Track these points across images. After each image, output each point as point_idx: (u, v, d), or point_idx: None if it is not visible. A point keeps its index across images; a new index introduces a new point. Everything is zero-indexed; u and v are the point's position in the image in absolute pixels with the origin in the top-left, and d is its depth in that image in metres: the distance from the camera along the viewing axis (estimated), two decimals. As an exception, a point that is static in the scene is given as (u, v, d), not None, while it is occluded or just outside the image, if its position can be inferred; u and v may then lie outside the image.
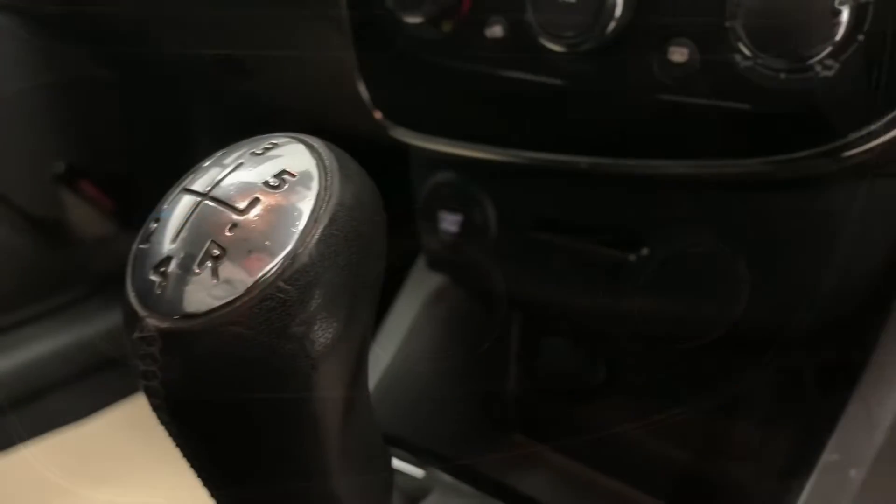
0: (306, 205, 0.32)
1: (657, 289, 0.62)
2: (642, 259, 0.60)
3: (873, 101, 0.45)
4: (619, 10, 0.49)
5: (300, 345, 0.31)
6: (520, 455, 0.79)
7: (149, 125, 1.31)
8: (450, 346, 0.81)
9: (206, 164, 0.35)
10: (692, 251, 0.59)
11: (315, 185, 0.33)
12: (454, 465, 0.60)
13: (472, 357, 0.82)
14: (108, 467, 1.11)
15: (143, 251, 0.33)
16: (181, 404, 0.33)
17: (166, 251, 0.32)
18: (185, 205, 0.33)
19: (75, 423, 1.19)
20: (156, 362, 0.32)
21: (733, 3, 0.46)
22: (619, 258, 0.61)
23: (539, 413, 0.82)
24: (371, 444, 0.43)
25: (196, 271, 0.31)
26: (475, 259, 0.70)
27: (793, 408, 0.65)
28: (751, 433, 0.68)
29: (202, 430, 0.34)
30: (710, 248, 0.58)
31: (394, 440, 0.48)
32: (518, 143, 0.59)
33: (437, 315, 0.80)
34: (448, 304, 0.81)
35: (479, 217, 0.67)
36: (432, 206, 0.70)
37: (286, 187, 0.33)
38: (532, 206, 0.65)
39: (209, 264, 0.31)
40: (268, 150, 0.35)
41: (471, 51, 0.57)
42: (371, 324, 0.37)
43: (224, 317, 0.31)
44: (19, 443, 1.14)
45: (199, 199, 0.33)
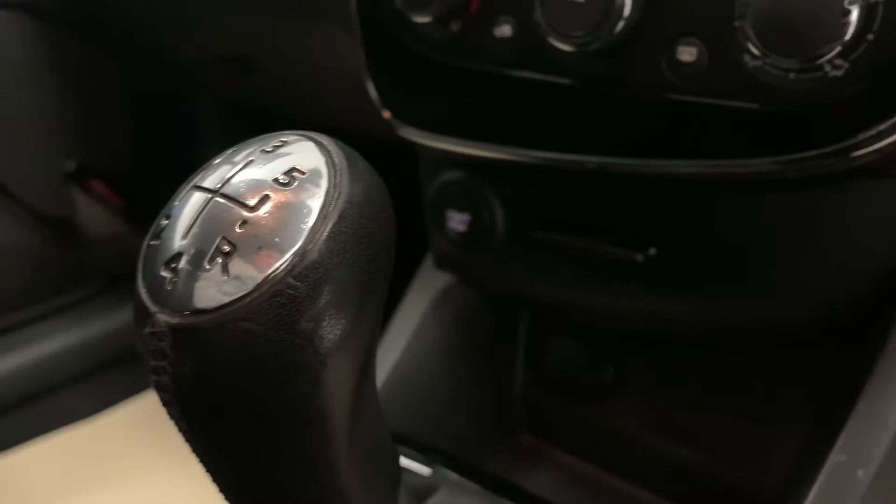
0: (316, 202, 0.33)
1: (664, 288, 0.62)
2: (650, 259, 0.60)
3: (882, 101, 0.45)
4: (627, 9, 0.49)
5: (309, 341, 0.32)
6: (526, 453, 0.79)
7: (158, 124, 1.32)
8: (457, 345, 0.81)
9: (217, 161, 0.35)
10: (700, 251, 0.59)
11: (324, 183, 0.33)
12: (461, 464, 0.60)
13: (479, 356, 0.82)
14: (118, 463, 1.12)
15: (154, 247, 0.33)
16: (191, 399, 0.33)
17: (177, 247, 0.33)
18: (195, 201, 0.33)
19: (85, 420, 1.20)
20: (166, 357, 0.32)
21: (742, 3, 0.46)
22: (626, 258, 0.61)
23: (546, 412, 0.82)
24: (379, 441, 0.43)
25: (206, 267, 0.32)
26: (483, 258, 0.70)
27: (801, 408, 0.65)
28: (759, 433, 0.68)
29: (212, 424, 0.34)
30: (717, 248, 0.58)
31: (401, 438, 0.49)
32: (526, 143, 0.59)
33: (445, 314, 0.80)
34: (455, 304, 0.81)
35: (487, 216, 0.67)
36: (440, 206, 0.71)
37: (296, 184, 0.33)
38: (540, 205, 0.65)
39: (219, 260, 0.31)
40: (278, 147, 0.35)
41: (479, 50, 0.57)
42: (379, 321, 0.37)
43: (234, 313, 0.31)
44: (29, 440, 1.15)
45: (209, 196, 0.33)
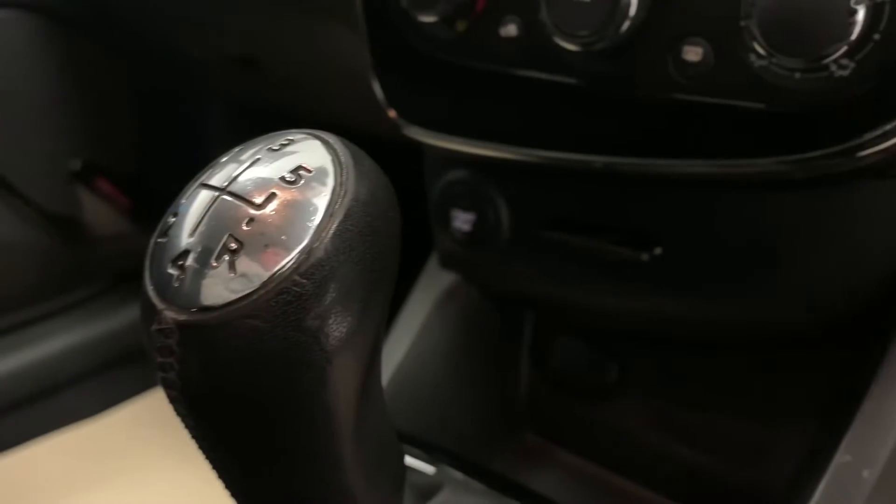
0: (322, 200, 0.33)
1: (670, 288, 0.62)
2: (655, 258, 0.60)
3: (889, 100, 0.45)
4: (633, 9, 0.49)
5: (315, 338, 0.32)
6: (531, 453, 0.79)
7: (164, 123, 1.32)
8: (462, 344, 0.81)
9: (224, 159, 0.36)
10: (705, 251, 0.59)
11: (330, 181, 0.33)
12: (465, 462, 0.60)
13: (484, 355, 0.82)
14: (123, 462, 1.12)
15: (162, 245, 0.34)
16: (198, 396, 0.33)
17: (184, 245, 0.33)
18: (202, 199, 0.34)
19: (90, 418, 1.21)
20: (173, 354, 0.32)
21: (748, 3, 0.46)
22: (632, 257, 0.61)
23: (551, 412, 0.82)
24: (384, 439, 0.43)
25: (213, 265, 0.32)
26: (488, 258, 0.70)
27: (806, 408, 0.65)
28: (763, 433, 0.68)
29: (218, 421, 0.34)
30: (723, 248, 0.58)
31: (405, 437, 0.49)
32: (531, 142, 0.59)
33: (450, 313, 0.81)
34: (460, 303, 0.81)
35: (492, 216, 0.67)
36: (445, 205, 0.71)
37: (302, 183, 0.33)
38: (545, 204, 0.65)
39: (226, 258, 0.32)
40: (284, 146, 0.35)
41: (485, 50, 0.57)
42: (385, 319, 0.37)
43: (241, 310, 0.31)
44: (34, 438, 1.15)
45: (216, 194, 0.33)
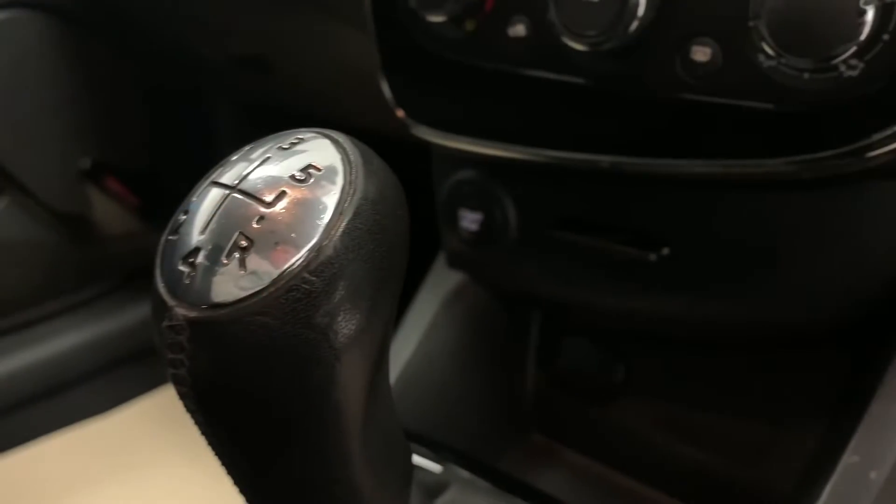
0: (331, 198, 0.33)
1: (677, 289, 0.62)
2: (663, 259, 0.60)
3: (898, 101, 0.45)
4: (641, 9, 0.49)
5: (324, 335, 0.32)
6: (537, 452, 0.79)
7: (174, 122, 1.33)
8: (469, 344, 0.81)
9: (234, 158, 0.36)
10: (713, 251, 0.59)
11: (340, 180, 0.34)
12: (472, 462, 0.60)
13: (491, 355, 0.82)
14: (132, 459, 1.13)
15: (172, 242, 0.34)
16: (207, 392, 0.33)
17: (195, 242, 0.33)
18: (213, 197, 0.34)
19: (99, 416, 1.21)
20: (183, 351, 0.32)
21: (757, 3, 0.46)
22: (639, 257, 0.61)
23: (558, 411, 0.82)
24: (392, 437, 0.43)
25: (224, 262, 0.32)
26: (495, 257, 0.70)
27: (813, 408, 0.65)
28: (770, 433, 0.68)
29: (228, 417, 0.35)
30: (731, 248, 0.58)
31: (413, 435, 0.49)
32: (539, 142, 0.59)
33: (457, 313, 0.81)
34: (468, 303, 0.81)
35: (500, 215, 0.67)
36: (453, 204, 0.71)
37: (312, 181, 0.33)
38: (552, 204, 0.65)
39: (237, 255, 0.32)
40: (294, 144, 0.35)
41: (493, 50, 0.57)
42: (393, 317, 0.38)
43: (251, 307, 0.31)
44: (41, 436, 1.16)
45: (227, 192, 0.34)
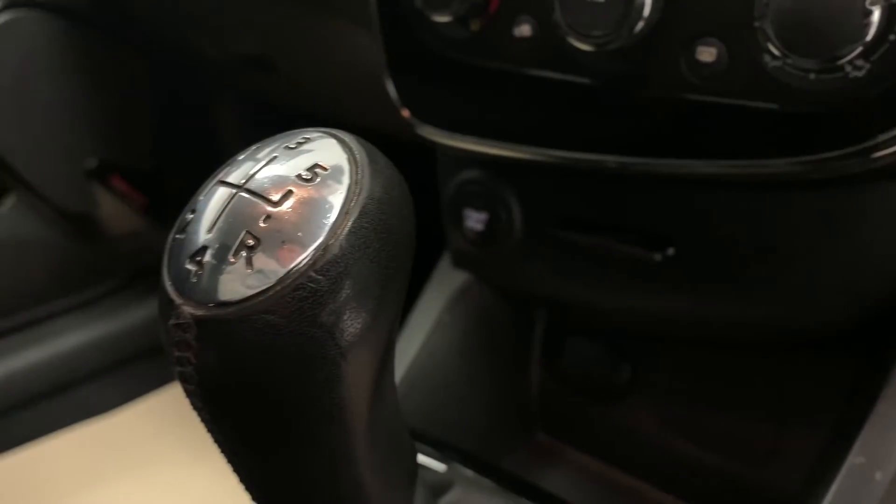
0: (337, 198, 0.33)
1: (682, 289, 0.62)
2: (668, 258, 0.60)
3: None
4: (647, 9, 0.49)
5: (330, 334, 0.32)
6: (542, 452, 0.79)
7: (180, 122, 1.33)
8: (474, 343, 0.81)
9: (241, 157, 0.36)
10: (718, 252, 0.59)
11: (346, 179, 0.34)
12: (476, 461, 0.60)
13: (496, 354, 0.82)
14: (139, 457, 1.13)
15: (180, 241, 0.34)
16: (214, 390, 0.34)
17: (202, 241, 0.33)
18: (220, 196, 0.34)
19: (106, 414, 1.22)
20: (190, 348, 0.33)
21: (762, 3, 0.46)
22: (644, 257, 0.61)
23: (562, 411, 0.82)
24: (397, 435, 0.43)
25: (231, 261, 0.32)
26: (500, 257, 0.70)
27: (819, 409, 0.64)
28: (776, 434, 0.68)
29: (234, 415, 0.35)
30: (736, 248, 0.58)
31: (417, 434, 0.49)
32: (544, 142, 0.59)
33: (462, 312, 0.81)
34: (473, 302, 0.81)
35: (505, 215, 0.67)
36: (458, 204, 0.71)
37: (318, 181, 0.34)
38: (557, 204, 0.66)
39: (243, 254, 0.32)
40: (301, 144, 0.36)
41: (498, 50, 0.57)
42: (399, 316, 0.38)
43: (257, 305, 0.31)
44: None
45: (234, 191, 0.34)
